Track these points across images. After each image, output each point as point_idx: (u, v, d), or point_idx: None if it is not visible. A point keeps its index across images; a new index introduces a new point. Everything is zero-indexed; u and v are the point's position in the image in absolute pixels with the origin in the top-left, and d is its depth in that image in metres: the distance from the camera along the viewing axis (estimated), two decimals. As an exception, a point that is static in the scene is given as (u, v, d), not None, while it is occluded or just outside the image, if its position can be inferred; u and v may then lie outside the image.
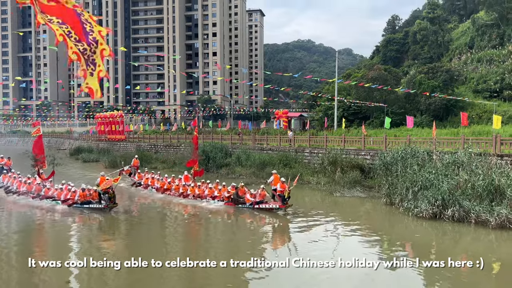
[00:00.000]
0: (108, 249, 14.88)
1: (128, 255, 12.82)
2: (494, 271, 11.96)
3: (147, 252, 13.87)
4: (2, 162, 29.28)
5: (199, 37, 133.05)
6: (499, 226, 14.34)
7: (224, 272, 11.21)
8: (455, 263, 10.93)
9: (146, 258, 10.77)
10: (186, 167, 26.79)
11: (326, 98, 63.70)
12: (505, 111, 48.75)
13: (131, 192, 26.77)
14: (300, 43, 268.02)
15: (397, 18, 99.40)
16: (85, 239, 16.23)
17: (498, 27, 63.98)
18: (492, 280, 11.46)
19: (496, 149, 21.41)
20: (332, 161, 27.32)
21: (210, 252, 14.10)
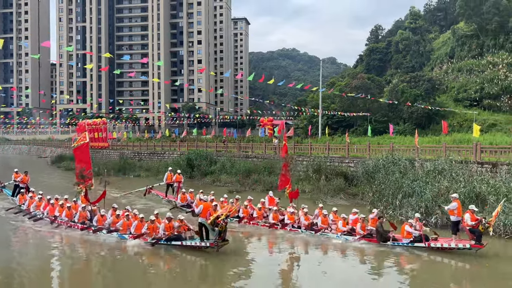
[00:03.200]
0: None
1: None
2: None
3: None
4: (17, 178, 23.20)
5: (184, 44, 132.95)
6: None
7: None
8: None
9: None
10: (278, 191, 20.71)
11: (310, 106, 64.26)
12: (485, 119, 49.91)
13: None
14: (285, 51, 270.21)
15: (380, 27, 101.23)
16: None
17: (478, 37, 65.65)
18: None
19: (477, 157, 21.85)
20: (317, 169, 27.45)
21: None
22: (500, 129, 46.16)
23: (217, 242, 13.73)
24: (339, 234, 15.60)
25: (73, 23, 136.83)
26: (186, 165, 35.69)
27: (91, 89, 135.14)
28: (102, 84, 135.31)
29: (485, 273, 12.68)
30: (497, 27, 62.08)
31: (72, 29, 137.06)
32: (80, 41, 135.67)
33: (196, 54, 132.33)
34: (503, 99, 53.90)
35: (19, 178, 23.17)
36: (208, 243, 14.09)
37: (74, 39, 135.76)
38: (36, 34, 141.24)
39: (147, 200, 24.51)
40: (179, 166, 36.73)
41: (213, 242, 13.81)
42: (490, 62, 59.75)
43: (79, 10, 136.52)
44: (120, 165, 42.36)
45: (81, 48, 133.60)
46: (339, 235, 15.58)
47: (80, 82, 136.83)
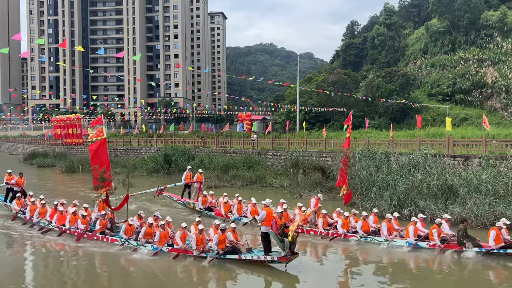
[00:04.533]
0: None
1: None
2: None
3: None
4: (11, 180, 20.27)
5: (160, 38, 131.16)
6: (453, 224, 15.01)
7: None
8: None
9: None
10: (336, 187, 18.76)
11: (288, 101, 64.59)
12: (457, 113, 51.35)
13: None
14: (262, 46, 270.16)
15: (356, 23, 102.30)
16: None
17: (450, 34, 67.26)
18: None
19: (449, 150, 22.47)
20: (295, 163, 27.68)
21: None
22: (471, 123, 47.61)
23: (289, 256, 11.70)
24: (408, 240, 13.74)
25: (45, 16, 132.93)
26: (163, 161, 35.40)
27: (64, 84, 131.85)
28: (76, 79, 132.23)
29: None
30: (468, 23, 63.74)
31: (43, 22, 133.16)
32: (52, 35, 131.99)
33: (173, 48, 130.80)
34: (474, 94, 55.52)
35: (13, 181, 20.16)
36: (276, 257, 11.89)
37: (46, 32, 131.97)
38: (6, 28, 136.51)
39: (156, 204, 21.55)
40: (156, 162, 36.41)
41: (285, 256, 11.67)
42: (462, 58, 61.38)
43: (51, 2, 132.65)
44: (95, 161, 41.56)
45: (53, 42, 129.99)
46: (409, 242, 13.69)
47: (53, 77, 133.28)
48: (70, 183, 32.45)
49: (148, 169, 35.64)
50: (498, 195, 16.86)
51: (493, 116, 49.37)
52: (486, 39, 62.33)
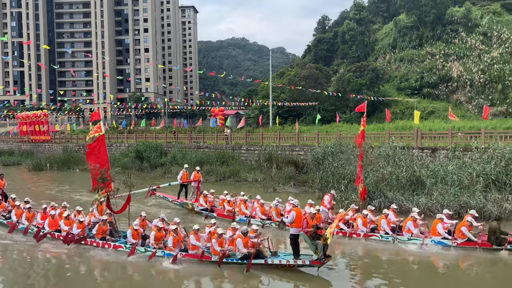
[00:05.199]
0: None
1: None
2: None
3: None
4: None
5: (130, 32, 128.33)
6: (420, 214, 15.51)
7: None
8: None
9: None
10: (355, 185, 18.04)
11: (261, 96, 64.69)
12: (425, 107, 52.84)
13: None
14: (234, 41, 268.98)
15: (326, 18, 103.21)
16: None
17: (417, 29, 68.94)
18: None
19: (417, 143, 23.15)
20: (268, 158, 27.87)
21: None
22: (438, 115, 49.13)
23: (323, 259, 10.86)
24: (429, 239, 13.28)
25: (7, 8, 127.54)
26: (135, 157, 34.90)
27: (29, 79, 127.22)
28: (42, 74, 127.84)
29: None
30: (435, 19, 65.51)
31: (6, 15, 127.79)
32: (15, 28, 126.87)
33: (143, 42, 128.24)
34: (440, 87, 57.22)
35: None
36: (308, 261, 11.09)
37: (9, 26, 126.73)
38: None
39: (149, 207, 20.31)
40: (127, 158, 35.82)
41: (318, 259, 10.84)
42: (429, 53, 63.07)
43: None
44: (64, 159, 40.50)
45: (17, 35, 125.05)
46: (435, 240, 13.20)
47: (17, 72, 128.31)
48: (38, 182, 31.54)
49: (119, 166, 35.00)
50: (463, 185, 17.52)
51: (459, 109, 51.08)
52: (451, 34, 64.26)
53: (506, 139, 21.19)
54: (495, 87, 52.22)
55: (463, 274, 11.78)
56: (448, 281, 11.11)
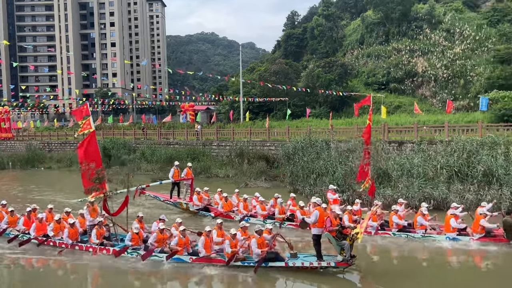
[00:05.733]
0: None
1: None
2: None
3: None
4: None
5: (95, 26, 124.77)
6: (387, 206, 15.93)
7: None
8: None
9: None
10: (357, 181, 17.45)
11: (231, 91, 64.46)
12: (391, 101, 54.15)
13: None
14: (204, 35, 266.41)
15: (296, 13, 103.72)
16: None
17: (384, 25, 70.40)
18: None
19: (385, 136, 23.73)
20: (239, 153, 27.93)
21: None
22: (404, 110, 50.46)
23: (349, 260, 10.36)
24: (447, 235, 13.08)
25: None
26: (102, 155, 33.99)
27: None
28: (3, 69, 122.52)
29: None
30: (400, 15, 67.05)
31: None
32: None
33: (109, 36, 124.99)
34: (406, 82, 58.72)
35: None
36: (333, 262, 10.55)
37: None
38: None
39: (138, 207, 18.86)
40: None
41: (345, 260, 10.32)
42: (395, 48, 64.54)
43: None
44: (27, 157, 39.10)
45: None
46: (449, 236, 13.02)
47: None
48: (1, 181, 30.31)
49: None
50: (428, 177, 18.12)
51: (424, 104, 52.60)
52: (416, 30, 65.96)
53: (468, 132, 22.04)
54: (458, 82, 54.09)
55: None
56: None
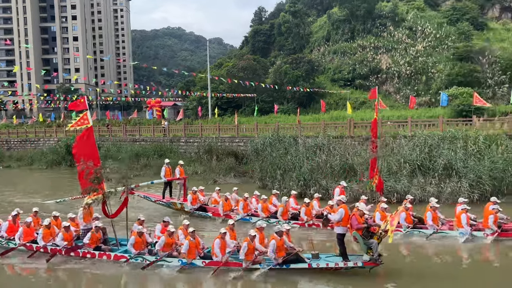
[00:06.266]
0: None
1: None
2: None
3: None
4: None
5: (56, 19, 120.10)
6: (352, 200, 16.30)
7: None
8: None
9: None
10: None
11: (199, 87, 63.87)
12: (357, 98, 55.35)
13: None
14: (170, 30, 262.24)
15: (263, 10, 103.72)
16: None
17: (349, 22, 71.64)
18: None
19: (350, 132, 24.23)
20: (208, 149, 27.78)
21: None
22: (369, 106, 51.67)
23: (378, 260, 9.97)
24: (460, 230, 12.85)
25: None
26: (65, 153, 33.11)
27: None
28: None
29: None
30: (365, 13, 68.44)
31: None
32: None
33: (71, 30, 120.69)
34: (371, 79, 60.12)
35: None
36: (360, 262, 10.13)
37: None
38: None
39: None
40: (57, 154, 33.81)
41: (373, 260, 9.93)
42: (360, 45, 65.89)
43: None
44: (-16, 156, 37.32)
45: None
46: (463, 232, 12.76)
47: None
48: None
49: (48, 162, 32.99)
50: (392, 171, 18.65)
51: (388, 100, 54.03)
52: (380, 28, 67.56)
53: (430, 127, 22.85)
54: (420, 79, 55.92)
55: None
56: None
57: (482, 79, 50.16)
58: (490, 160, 18.09)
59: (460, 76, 48.93)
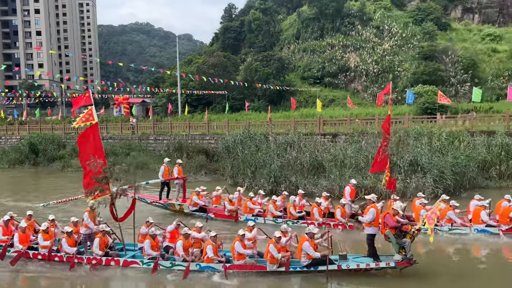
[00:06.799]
0: None
1: None
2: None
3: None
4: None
5: (18, 13, 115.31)
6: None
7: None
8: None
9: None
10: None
11: (169, 84, 62.99)
12: (326, 95, 56.15)
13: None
14: (138, 26, 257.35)
15: (233, 6, 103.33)
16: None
17: (319, 21, 72.45)
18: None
19: (320, 129, 24.57)
20: (178, 147, 27.48)
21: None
22: (338, 103, 52.60)
23: (412, 260, 9.73)
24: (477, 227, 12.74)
25: None
26: (28, 151, 31.96)
27: None
28: None
29: None
30: (334, 12, 69.41)
31: None
32: None
33: (34, 24, 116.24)
34: (340, 77, 61.13)
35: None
36: (393, 262, 9.83)
37: None
38: None
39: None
40: (20, 152, 32.58)
41: (407, 259, 9.68)
42: (329, 44, 66.80)
43: None
44: None
45: None
46: (478, 229, 12.69)
47: None
48: None
49: (10, 161, 31.74)
50: (360, 167, 19.06)
51: (356, 97, 55.13)
52: (349, 26, 68.70)
53: (396, 124, 23.48)
54: (387, 77, 57.28)
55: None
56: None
57: (446, 77, 51.95)
58: (453, 156, 18.77)
59: (425, 74, 50.48)
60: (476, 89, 30.21)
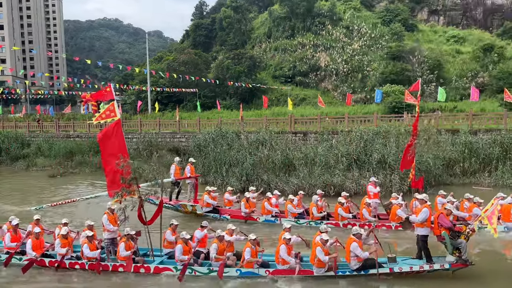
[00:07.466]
0: None
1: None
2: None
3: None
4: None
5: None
6: (294, 193, 16.69)
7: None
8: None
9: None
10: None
11: (138, 81, 61.85)
12: (297, 94, 56.61)
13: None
14: (106, 21, 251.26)
15: (204, 3, 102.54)
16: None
17: (290, 20, 72.88)
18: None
19: (291, 127, 24.76)
20: (148, 145, 27.08)
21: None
22: (309, 102, 53.12)
23: (468, 261, 9.41)
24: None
25: None
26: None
27: None
28: None
29: None
30: (305, 11, 70.01)
31: None
32: None
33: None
34: (311, 76, 61.72)
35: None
36: (448, 264, 9.50)
37: None
38: None
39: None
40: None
41: (463, 261, 9.35)
42: (300, 43, 67.33)
43: None
44: None
45: None
46: (504, 227, 12.35)
47: None
48: None
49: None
50: (330, 165, 19.34)
51: (326, 96, 55.81)
52: (319, 26, 69.46)
53: (365, 123, 23.97)
54: (356, 76, 58.36)
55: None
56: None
57: (412, 77, 53.29)
58: (419, 154, 19.32)
59: (393, 74, 51.68)
60: (441, 89, 31.24)
